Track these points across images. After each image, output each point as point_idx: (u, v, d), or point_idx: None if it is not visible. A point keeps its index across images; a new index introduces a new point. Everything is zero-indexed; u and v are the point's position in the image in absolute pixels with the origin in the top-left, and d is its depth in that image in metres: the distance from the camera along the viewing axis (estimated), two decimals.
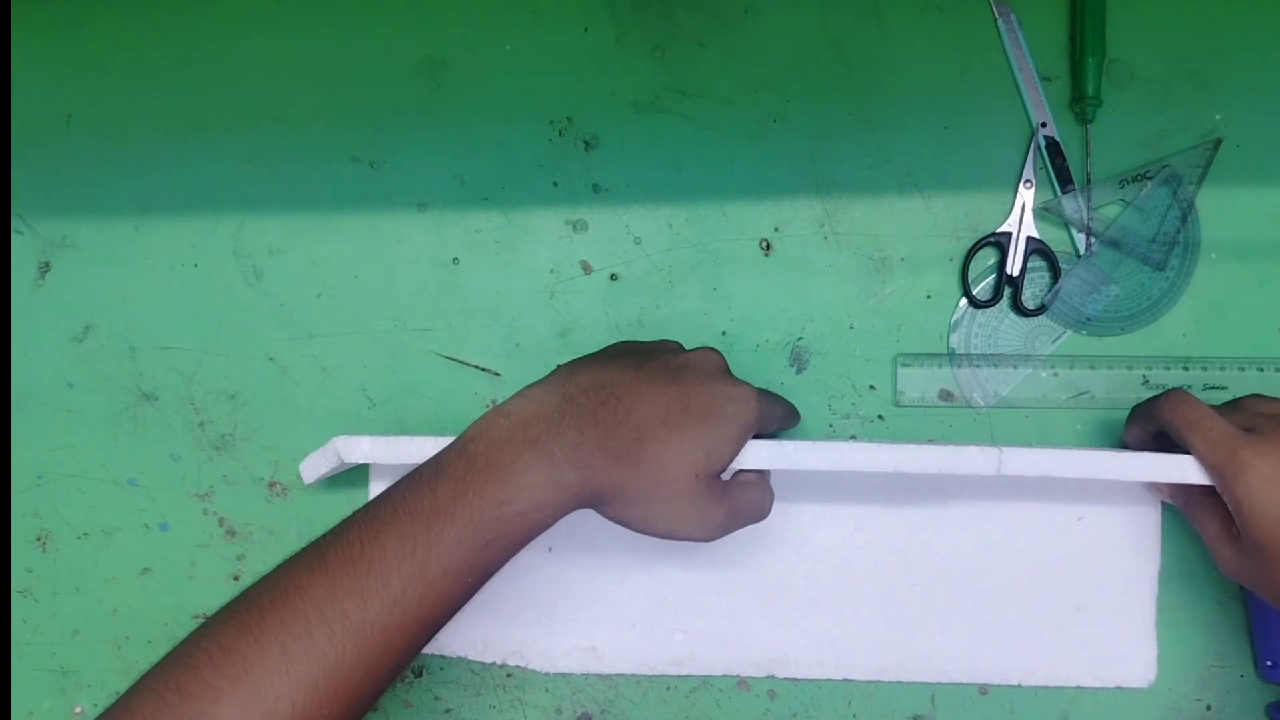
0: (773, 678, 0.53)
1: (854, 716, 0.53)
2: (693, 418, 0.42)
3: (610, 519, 0.43)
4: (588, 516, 0.45)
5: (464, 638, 0.53)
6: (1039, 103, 0.53)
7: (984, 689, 0.52)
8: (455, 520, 0.38)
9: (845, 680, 0.53)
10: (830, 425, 0.54)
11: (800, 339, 0.54)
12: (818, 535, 0.53)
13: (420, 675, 0.54)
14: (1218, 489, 0.44)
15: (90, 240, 0.56)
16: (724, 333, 0.54)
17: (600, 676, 0.53)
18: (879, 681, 0.52)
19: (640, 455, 0.41)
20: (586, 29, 0.55)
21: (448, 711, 0.54)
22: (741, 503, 0.44)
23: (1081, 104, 0.53)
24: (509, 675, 0.54)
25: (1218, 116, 0.53)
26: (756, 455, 0.44)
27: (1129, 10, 0.53)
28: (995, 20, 0.54)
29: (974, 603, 0.52)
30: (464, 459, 0.40)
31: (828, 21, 0.54)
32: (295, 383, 0.55)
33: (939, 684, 0.52)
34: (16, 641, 0.55)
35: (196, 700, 0.34)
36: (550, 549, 0.53)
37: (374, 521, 0.39)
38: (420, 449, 0.44)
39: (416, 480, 0.40)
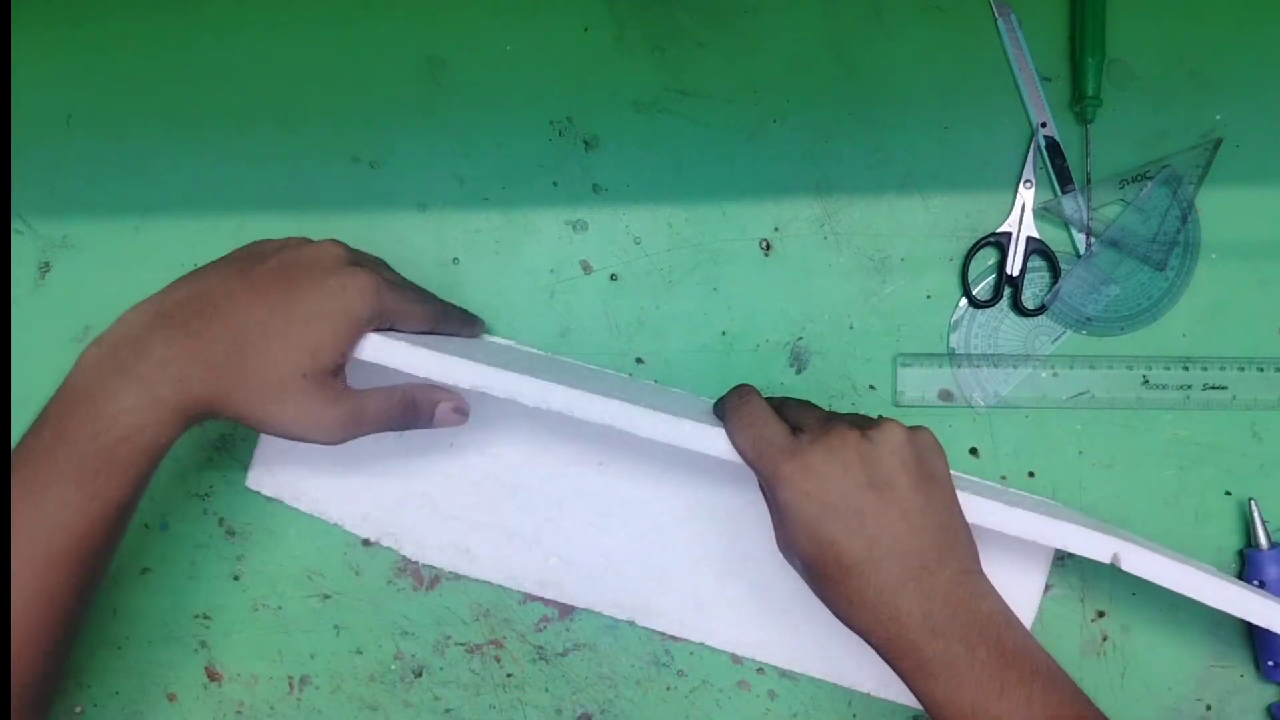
0: (633, 624, 0.53)
1: (854, 717, 0.53)
2: (296, 319, 0.42)
3: (236, 421, 0.43)
4: (495, 425, 0.51)
5: (345, 508, 0.54)
6: (1039, 103, 0.53)
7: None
8: (59, 459, 0.40)
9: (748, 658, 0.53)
10: None
11: (800, 339, 0.54)
12: (710, 498, 0.53)
13: (420, 675, 0.54)
14: (764, 491, 0.44)
15: (90, 240, 0.56)
16: (724, 333, 0.54)
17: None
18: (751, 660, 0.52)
19: (242, 362, 0.41)
20: (586, 29, 0.55)
21: (448, 711, 0.54)
22: (364, 410, 0.44)
23: (1081, 104, 0.53)
24: (509, 675, 0.54)
25: (1218, 116, 0.53)
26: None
27: (1129, 10, 0.53)
28: (995, 20, 0.54)
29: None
30: (62, 396, 0.41)
31: (828, 21, 0.54)
32: None
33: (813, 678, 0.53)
34: None
35: None
36: (451, 444, 0.53)
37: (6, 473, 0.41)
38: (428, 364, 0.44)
39: (31, 427, 0.41)
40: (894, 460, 0.41)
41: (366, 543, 0.54)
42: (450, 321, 0.50)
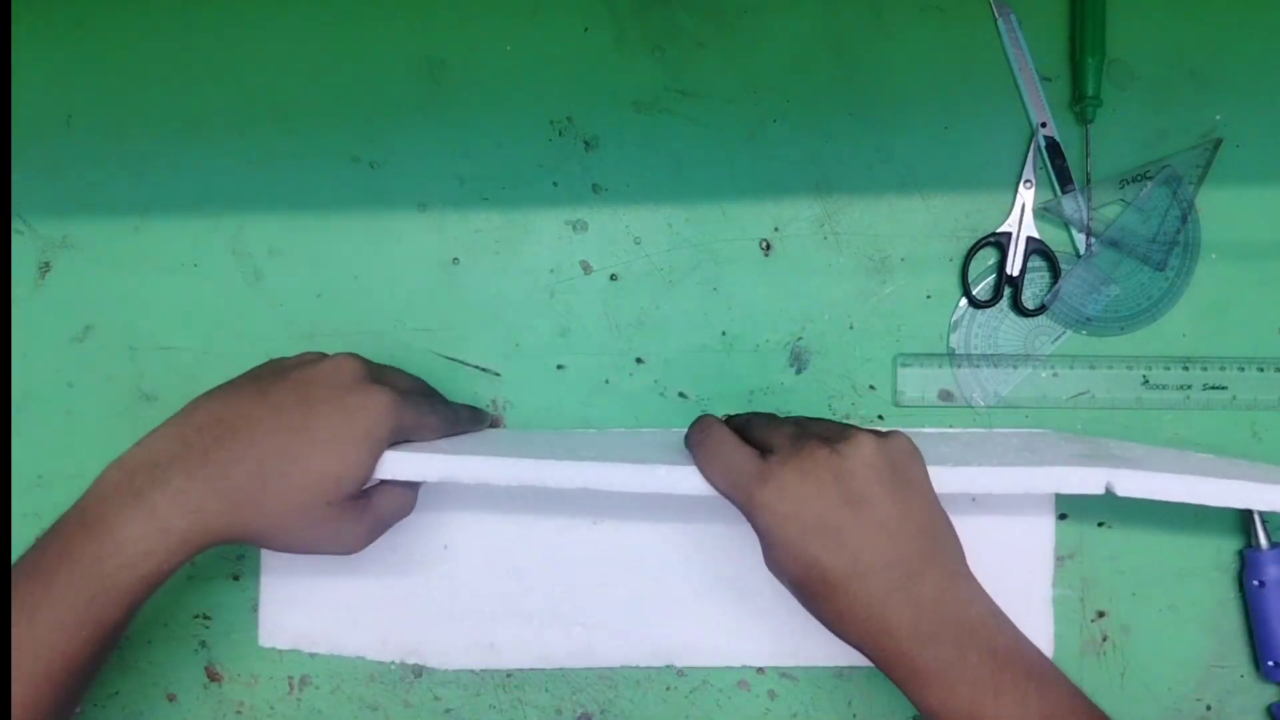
0: (671, 667, 0.53)
1: (854, 716, 0.53)
2: (319, 443, 0.41)
3: (254, 546, 0.42)
4: (483, 513, 0.51)
5: (361, 637, 0.53)
6: (1039, 103, 0.53)
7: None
8: (58, 578, 0.39)
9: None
10: None
11: (800, 339, 0.54)
12: (710, 525, 0.53)
13: (420, 676, 0.54)
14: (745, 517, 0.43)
15: (90, 240, 0.56)
16: (724, 333, 0.54)
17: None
18: (818, 666, 0.52)
19: (263, 492, 0.40)
20: (586, 29, 0.55)
21: (448, 711, 0.54)
22: (384, 510, 0.45)
23: (1081, 104, 0.53)
24: (509, 675, 0.54)
25: (1218, 116, 0.53)
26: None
27: (1129, 10, 0.53)
28: (995, 20, 0.54)
29: None
30: (75, 514, 0.40)
31: (828, 21, 0.55)
32: None
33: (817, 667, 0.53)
34: None
35: None
36: (445, 546, 0.53)
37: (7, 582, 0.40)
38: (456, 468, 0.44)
39: (39, 540, 0.40)
40: (867, 473, 0.40)
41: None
42: (461, 422, 0.50)
